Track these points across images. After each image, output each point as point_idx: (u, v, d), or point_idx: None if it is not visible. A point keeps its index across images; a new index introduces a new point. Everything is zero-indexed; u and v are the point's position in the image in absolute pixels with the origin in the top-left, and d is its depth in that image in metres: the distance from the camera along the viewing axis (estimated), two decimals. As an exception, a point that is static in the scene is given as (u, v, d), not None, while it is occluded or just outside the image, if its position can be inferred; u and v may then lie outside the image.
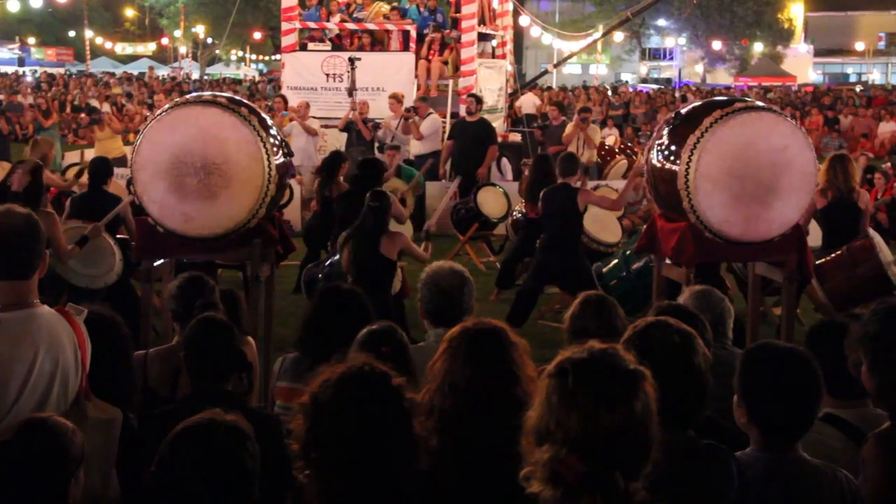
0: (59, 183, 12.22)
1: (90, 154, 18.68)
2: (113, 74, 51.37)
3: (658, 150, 7.25)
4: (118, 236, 9.08)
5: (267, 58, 76.08)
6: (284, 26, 20.27)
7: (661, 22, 65.48)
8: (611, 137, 20.44)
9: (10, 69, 57.98)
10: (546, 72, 33.42)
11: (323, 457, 2.78)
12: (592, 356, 2.64)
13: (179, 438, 2.99)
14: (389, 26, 19.91)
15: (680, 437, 3.34)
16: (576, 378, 2.58)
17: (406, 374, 3.06)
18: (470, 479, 3.10)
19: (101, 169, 9.92)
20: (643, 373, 2.64)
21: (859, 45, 75.19)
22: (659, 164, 7.21)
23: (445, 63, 19.63)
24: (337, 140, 17.89)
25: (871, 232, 8.85)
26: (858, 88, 51.94)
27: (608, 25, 34.87)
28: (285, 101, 18.40)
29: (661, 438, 2.65)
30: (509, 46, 23.02)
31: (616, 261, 10.31)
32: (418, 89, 18.96)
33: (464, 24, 19.55)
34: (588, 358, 2.63)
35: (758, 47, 67.99)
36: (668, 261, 7.63)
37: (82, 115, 30.70)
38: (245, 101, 7.18)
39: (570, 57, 38.95)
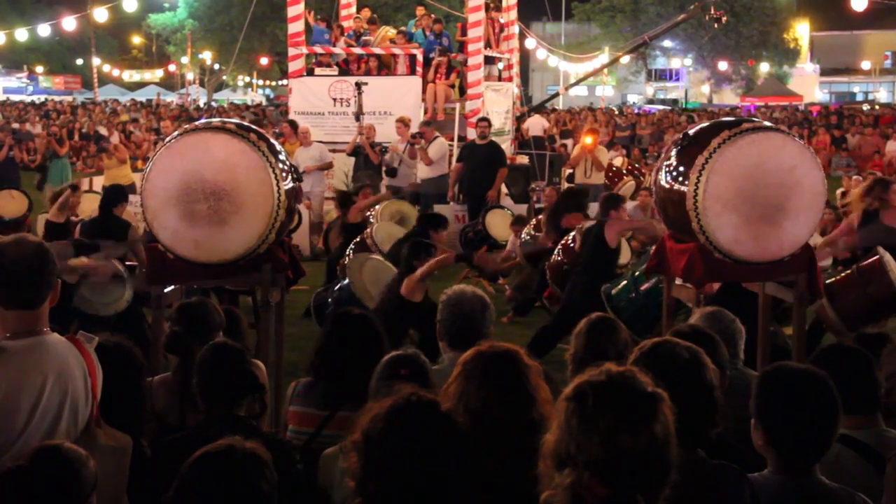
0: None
1: (98, 181, 18.77)
2: (121, 102, 51.60)
3: (666, 171, 7.25)
4: (128, 263, 9.09)
5: (274, 83, 76.38)
6: (291, 52, 20.37)
7: (667, 43, 65.61)
8: (618, 159, 20.47)
9: (19, 97, 58.29)
10: (557, 94, 33.49)
11: (382, 490, 2.77)
12: (611, 379, 2.64)
13: (198, 465, 2.99)
14: (396, 50, 19.98)
15: (690, 457, 3.31)
16: (596, 401, 2.58)
17: None
18: (488, 502, 3.09)
19: (113, 195, 10.04)
20: (662, 395, 2.64)
21: (865, 64, 75.24)
22: (667, 185, 7.20)
23: (452, 86, 19.69)
24: (344, 164, 17.94)
25: (881, 250, 8.81)
26: (865, 107, 51.89)
27: (614, 47, 35.03)
28: (294, 126, 18.41)
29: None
30: (516, 69, 23.09)
31: (625, 282, 10.26)
32: (425, 113, 19.00)
33: (470, 48, 19.63)
34: (607, 381, 2.63)
35: (764, 67, 68.07)
36: (677, 281, 7.62)
37: (89, 142, 30.85)
38: (254, 126, 7.19)
39: (582, 79, 39.09)
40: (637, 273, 10.09)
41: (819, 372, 3.59)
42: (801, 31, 70.99)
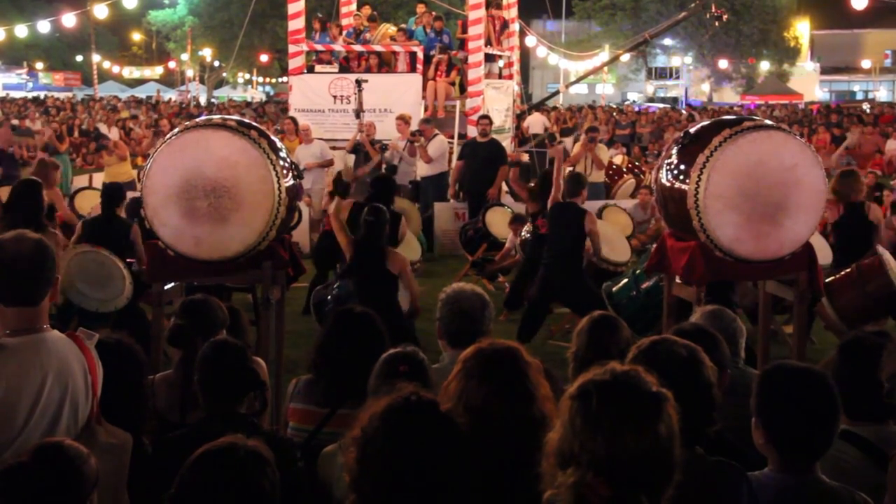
0: (67, 213, 12.26)
1: (98, 178, 18.75)
2: (121, 99, 51.56)
3: (667, 170, 7.25)
4: (129, 261, 9.09)
5: (274, 80, 76.34)
6: (291, 49, 20.33)
7: (668, 41, 65.57)
8: (618, 157, 20.48)
9: (18, 94, 58.27)
10: (557, 92, 33.50)
11: (376, 489, 2.76)
12: (616, 378, 2.63)
13: (199, 463, 2.98)
14: (396, 48, 19.96)
15: (689, 455, 3.30)
16: (600, 401, 2.57)
17: None
18: (487, 500, 3.08)
19: (115, 194, 10.00)
20: (666, 395, 2.64)
21: (866, 63, 75.19)
22: (668, 184, 7.20)
23: (452, 84, 19.68)
24: (345, 162, 17.92)
25: (881, 249, 8.83)
26: (865, 106, 51.85)
27: (614, 45, 35.06)
28: (295, 123, 18.39)
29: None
30: (516, 67, 23.08)
31: (626, 280, 10.28)
32: (426, 110, 18.99)
33: (470, 45, 19.61)
34: (611, 380, 2.62)
35: (764, 66, 68.07)
36: (678, 280, 7.62)
37: (88, 139, 30.81)
38: (255, 123, 7.18)
39: (582, 77, 39.09)
40: (638, 271, 10.11)
41: (818, 370, 3.59)
42: (801, 29, 70.96)
